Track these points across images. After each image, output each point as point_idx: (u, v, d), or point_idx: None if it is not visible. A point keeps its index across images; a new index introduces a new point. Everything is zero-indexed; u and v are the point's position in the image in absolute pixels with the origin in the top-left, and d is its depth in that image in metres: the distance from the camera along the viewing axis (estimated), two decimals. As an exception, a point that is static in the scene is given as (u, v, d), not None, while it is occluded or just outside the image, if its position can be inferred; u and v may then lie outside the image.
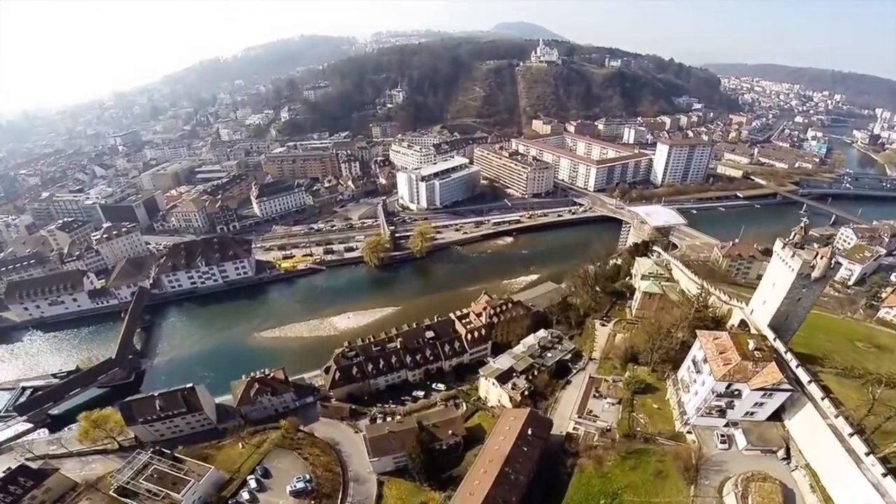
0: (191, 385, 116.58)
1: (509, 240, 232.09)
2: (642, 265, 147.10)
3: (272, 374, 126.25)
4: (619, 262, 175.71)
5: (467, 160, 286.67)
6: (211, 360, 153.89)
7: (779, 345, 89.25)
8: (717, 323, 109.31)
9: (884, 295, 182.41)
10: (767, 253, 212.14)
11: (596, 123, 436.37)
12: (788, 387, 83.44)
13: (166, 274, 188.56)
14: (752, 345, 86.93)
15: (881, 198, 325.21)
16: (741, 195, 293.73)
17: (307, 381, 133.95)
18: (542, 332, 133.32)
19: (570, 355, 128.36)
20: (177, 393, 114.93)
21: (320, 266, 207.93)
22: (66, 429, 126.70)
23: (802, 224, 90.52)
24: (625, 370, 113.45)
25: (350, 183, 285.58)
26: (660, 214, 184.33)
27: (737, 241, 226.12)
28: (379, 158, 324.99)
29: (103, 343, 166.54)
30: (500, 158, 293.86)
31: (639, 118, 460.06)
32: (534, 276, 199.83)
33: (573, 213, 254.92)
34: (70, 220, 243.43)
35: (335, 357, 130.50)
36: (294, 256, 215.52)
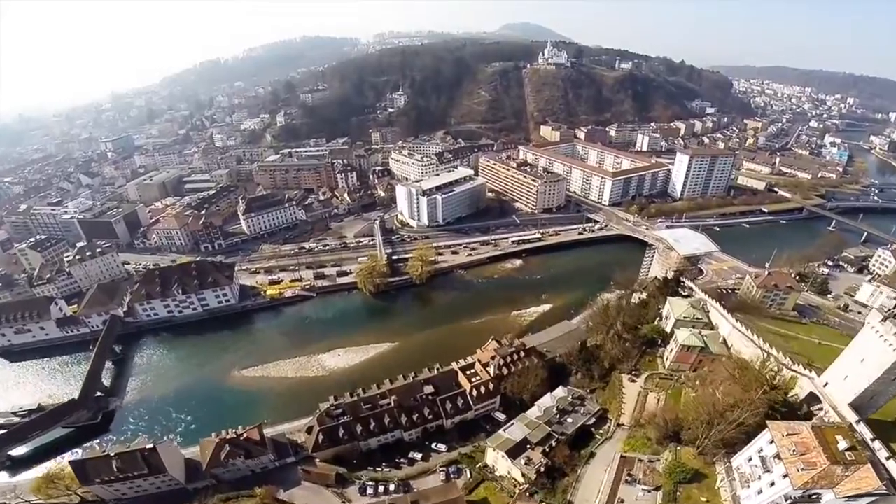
0: (152, 445, 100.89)
1: (518, 263, 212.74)
2: (676, 308, 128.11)
3: (245, 434, 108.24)
4: (645, 296, 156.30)
5: (472, 171, 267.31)
6: (186, 401, 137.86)
7: (875, 442, 70.50)
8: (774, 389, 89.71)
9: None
10: (804, 278, 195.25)
11: (607, 129, 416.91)
12: (885, 491, 65.67)
13: (140, 302, 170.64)
14: (842, 444, 68.01)
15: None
16: (766, 210, 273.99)
17: (289, 435, 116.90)
18: (560, 392, 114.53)
19: (593, 419, 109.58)
20: (136, 453, 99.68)
21: (310, 293, 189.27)
22: (25, 473, 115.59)
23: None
24: (662, 447, 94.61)
25: (346, 196, 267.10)
26: (689, 240, 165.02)
27: (768, 265, 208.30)
28: (378, 168, 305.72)
29: (73, 376, 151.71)
30: (508, 170, 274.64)
31: (652, 124, 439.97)
32: (546, 307, 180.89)
33: (588, 231, 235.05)
34: (43, 237, 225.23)
35: (318, 416, 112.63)
36: (281, 282, 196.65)
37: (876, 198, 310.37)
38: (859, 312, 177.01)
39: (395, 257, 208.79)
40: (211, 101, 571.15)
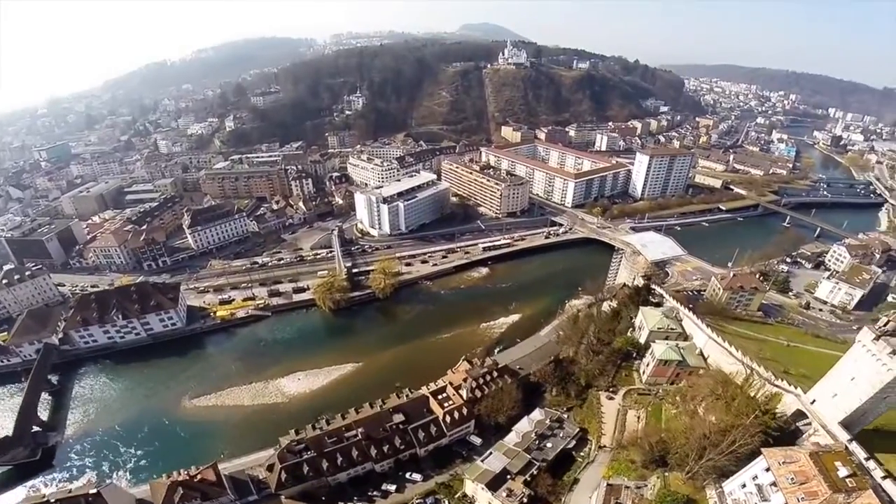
0: (96, 490, 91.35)
1: (485, 271, 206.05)
2: (649, 318, 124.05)
3: (199, 475, 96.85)
4: (615, 304, 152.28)
5: (434, 176, 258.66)
6: (135, 434, 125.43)
7: (869, 462, 66.75)
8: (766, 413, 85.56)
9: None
10: (765, 277, 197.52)
11: (567, 129, 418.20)
12: (888, 516, 61.79)
13: (76, 329, 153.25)
14: (843, 471, 63.51)
15: (858, 205, 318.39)
16: (723, 208, 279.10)
17: (249, 471, 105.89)
18: (537, 414, 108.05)
19: (573, 441, 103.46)
20: (80, 499, 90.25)
21: (264, 312, 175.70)
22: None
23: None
24: (649, 470, 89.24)
25: (301, 204, 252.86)
26: (656, 245, 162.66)
27: (730, 264, 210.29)
28: (335, 174, 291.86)
29: (4, 410, 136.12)
30: (471, 173, 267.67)
31: (610, 123, 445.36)
32: (515, 317, 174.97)
33: (554, 236, 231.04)
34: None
35: (279, 452, 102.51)
36: (233, 301, 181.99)
37: (825, 193, 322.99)
38: (820, 310, 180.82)
39: (355, 270, 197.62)
40: (156, 104, 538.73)
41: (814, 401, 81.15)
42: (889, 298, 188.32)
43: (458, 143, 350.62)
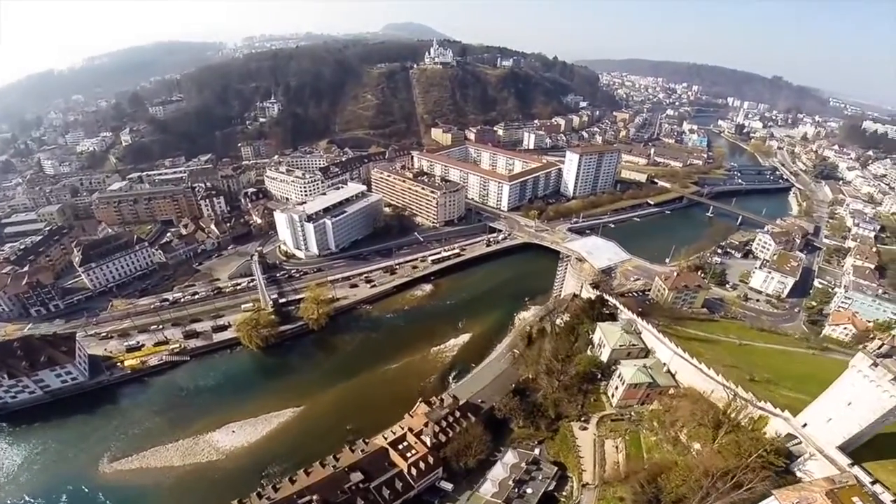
0: None
1: (428, 288, 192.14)
2: (609, 336, 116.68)
3: None
4: (568, 318, 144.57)
5: (364, 187, 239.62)
6: None
7: (876, 485, 60.84)
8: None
9: (827, 311, 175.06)
10: (702, 271, 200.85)
11: (495, 129, 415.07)
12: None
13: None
14: (862, 511, 56.32)
15: (769, 190, 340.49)
16: (652, 202, 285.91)
17: None
18: (511, 457, 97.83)
19: (553, 482, 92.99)
20: None
21: (181, 357, 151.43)
22: None
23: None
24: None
25: (213, 227, 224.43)
26: (601, 251, 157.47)
27: (668, 260, 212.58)
28: (250, 191, 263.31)
29: None
30: (404, 181, 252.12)
31: (535, 121, 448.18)
32: (465, 337, 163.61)
33: (494, 243, 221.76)
34: None
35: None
36: (143, 347, 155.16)
37: (740, 181, 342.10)
38: (757, 300, 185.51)
39: (283, 300, 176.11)
40: (40, 119, 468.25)
41: (805, 424, 76.12)
42: (816, 283, 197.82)
43: (388, 148, 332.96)
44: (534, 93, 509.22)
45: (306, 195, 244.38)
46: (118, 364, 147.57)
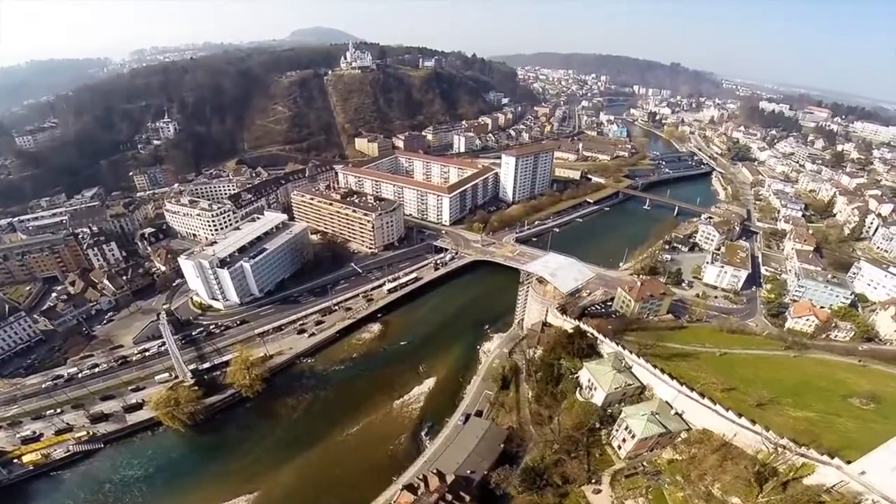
0: None
1: (377, 328, 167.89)
2: (601, 378, 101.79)
3: None
4: (541, 352, 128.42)
5: (284, 216, 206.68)
6: None
7: None
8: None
9: (784, 301, 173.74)
10: (655, 272, 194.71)
11: (424, 134, 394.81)
12: None
13: None
14: None
15: (693, 176, 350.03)
16: (591, 200, 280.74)
17: None
18: None
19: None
20: None
21: (93, 445, 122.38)
22: None
23: None
24: None
25: (107, 282, 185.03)
26: (564, 270, 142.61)
27: (622, 264, 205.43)
28: (147, 231, 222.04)
29: None
30: (332, 204, 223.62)
31: (463, 122, 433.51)
32: (430, 382, 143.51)
33: (443, 265, 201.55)
34: None
35: None
36: (41, 437, 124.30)
37: (667, 170, 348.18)
38: (715, 297, 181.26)
39: (205, 365, 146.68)
40: None
41: (863, 472, 65.53)
42: (763, 271, 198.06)
43: (307, 165, 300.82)
44: (458, 92, 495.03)
45: (216, 230, 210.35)
46: (15, 461, 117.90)
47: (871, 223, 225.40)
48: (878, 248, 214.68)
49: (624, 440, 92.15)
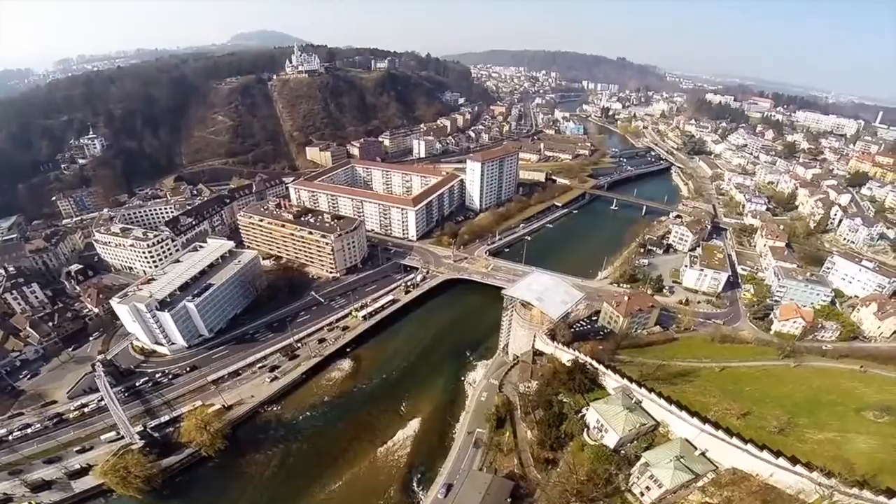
0: None
1: (347, 365, 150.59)
2: (613, 421, 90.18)
3: None
4: (535, 385, 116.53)
5: (230, 243, 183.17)
6: None
7: None
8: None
9: (767, 304, 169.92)
10: (635, 280, 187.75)
11: (381, 139, 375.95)
12: None
13: None
14: None
15: (653, 172, 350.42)
16: (559, 203, 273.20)
17: None
18: None
19: None
20: None
21: None
22: None
23: None
24: None
25: (30, 329, 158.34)
26: (550, 292, 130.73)
27: (602, 273, 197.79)
28: (74, 269, 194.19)
29: None
30: (284, 226, 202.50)
31: (422, 125, 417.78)
32: (415, 423, 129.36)
33: (414, 287, 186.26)
34: None
35: None
36: None
37: (629, 167, 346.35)
38: (698, 302, 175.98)
39: (154, 422, 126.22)
40: None
41: None
42: (740, 270, 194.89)
43: (254, 179, 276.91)
44: (414, 94, 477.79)
45: (154, 262, 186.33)
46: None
47: (836, 215, 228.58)
48: (844, 239, 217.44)
49: (648, 488, 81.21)
